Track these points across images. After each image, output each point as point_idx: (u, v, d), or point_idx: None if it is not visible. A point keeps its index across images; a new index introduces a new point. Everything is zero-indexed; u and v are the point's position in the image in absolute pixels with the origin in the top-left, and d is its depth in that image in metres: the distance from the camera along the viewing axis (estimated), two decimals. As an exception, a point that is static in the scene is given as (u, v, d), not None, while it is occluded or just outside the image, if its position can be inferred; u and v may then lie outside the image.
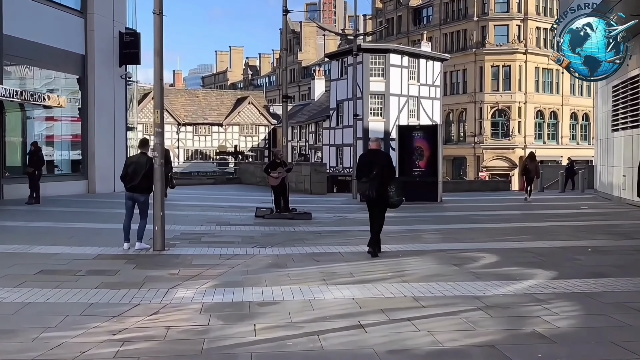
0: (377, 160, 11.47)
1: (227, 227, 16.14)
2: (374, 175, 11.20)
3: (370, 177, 11.26)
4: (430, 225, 16.76)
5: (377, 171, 11.19)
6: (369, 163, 11.52)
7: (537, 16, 65.12)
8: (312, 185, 32.11)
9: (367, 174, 11.36)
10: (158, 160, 12.07)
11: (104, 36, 27.83)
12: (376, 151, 11.85)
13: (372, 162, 11.46)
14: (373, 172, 11.21)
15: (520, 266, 10.17)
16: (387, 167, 11.39)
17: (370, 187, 11.26)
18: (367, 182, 11.33)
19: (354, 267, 10.24)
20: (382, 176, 11.21)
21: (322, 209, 22.47)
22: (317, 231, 15.52)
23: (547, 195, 31.49)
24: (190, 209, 21.39)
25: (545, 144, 65.76)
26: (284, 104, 20.18)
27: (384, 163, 11.39)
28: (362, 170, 11.58)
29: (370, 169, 11.31)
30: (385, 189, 11.23)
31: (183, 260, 11.05)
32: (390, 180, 11.33)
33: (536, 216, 19.63)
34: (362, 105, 50.77)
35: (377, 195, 11.24)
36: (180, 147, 68.10)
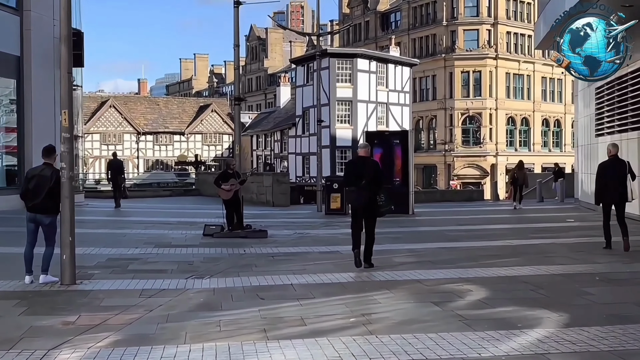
0: (367, 168, 10.88)
1: (166, 249, 13.78)
2: (363, 184, 10.66)
3: (360, 186, 10.71)
4: (403, 245, 14.57)
5: (367, 179, 10.66)
6: (358, 171, 10.93)
7: (508, 20, 63.75)
8: (274, 197, 29.79)
9: (356, 182, 10.82)
10: (66, 173, 9.70)
11: (44, 36, 25.18)
12: (365, 159, 11.17)
13: (362, 170, 10.86)
14: (362, 180, 10.68)
15: (518, 305, 8.00)
16: (378, 175, 10.96)
17: (360, 196, 10.75)
18: (356, 191, 10.83)
19: (307, 308, 7.98)
20: (371, 185, 10.68)
21: (282, 224, 20.22)
22: (270, 254, 13.25)
23: (526, 205, 29.56)
24: (133, 225, 19.00)
25: (516, 151, 64.15)
26: (237, 107, 17.96)
27: (374, 171, 10.92)
28: (350, 179, 11.06)
29: (359, 177, 10.75)
30: (375, 199, 10.73)
31: (92, 299, 8.72)
32: (380, 189, 10.82)
33: (521, 231, 17.56)
34: (328, 112, 48.79)
35: (367, 205, 10.73)
36: (140, 157, 65.23)
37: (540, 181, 34.29)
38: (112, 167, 26.47)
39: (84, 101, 66.57)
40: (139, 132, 64.68)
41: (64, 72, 9.86)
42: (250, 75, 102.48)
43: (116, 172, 26.15)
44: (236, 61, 17.58)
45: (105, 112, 60.88)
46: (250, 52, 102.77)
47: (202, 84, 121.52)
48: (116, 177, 26.05)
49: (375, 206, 10.81)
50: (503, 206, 29.92)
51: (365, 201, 10.71)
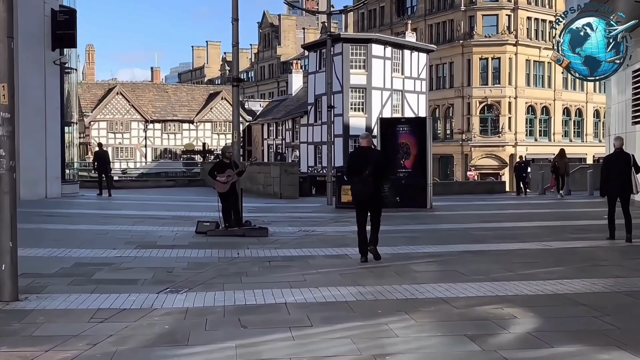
0: (369, 158, 10.49)
1: (147, 251, 11.86)
2: (366, 174, 10.30)
3: (362, 177, 10.36)
4: (421, 247, 12.54)
5: (370, 170, 10.27)
6: (359, 161, 10.57)
7: (529, 5, 61.33)
8: (282, 189, 27.80)
9: (358, 173, 10.47)
10: (5, 163, 7.77)
11: (32, 14, 23.26)
12: (367, 149, 10.81)
13: (364, 160, 10.48)
14: (365, 171, 10.29)
15: (583, 341, 5.97)
16: (382, 165, 10.64)
17: (364, 187, 10.40)
18: (359, 183, 10.47)
19: (301, 345, 5.99)
20: (375, 175, 10.32)
21: (287, 219, 18.28)
22: (267, 258, 11.30)
23: (549, 199, 27.45)
24: (120, 221, 17.11)
25: (536, 141, 62.01)
26: (235, 88, 15.93)
27: (377, 161, 10.53)
28: (353, 170, 10.75)
29: (361, 168, 10.39)
30: (380, 190, 10.45)
31: (27, 324, 6.78)
32: (385, 180, 10.56)
33: (556, 230, 15.49)
34: (341, 99, 46.81)
35: (371, 196, 10.40)
36: (147, 145, 63.32)
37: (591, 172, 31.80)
38: (99, 158, 26.58)
39: (90, 88, 65.12)
40: (146, 120, 62.79)
41: (3, 36, 7.91)
42: (262, 63, 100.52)
43: (103, 162, 26.27)
44: (234, 37, 15.57)
45: (112, 99, 59.04)
46: (262, 39, 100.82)
47: (214, 72, 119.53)
48: (104, 167, 26.24)
49: (379, 197, 10.49)
50: (528, 199, 27.81)
51: (369, 192, 10.35)
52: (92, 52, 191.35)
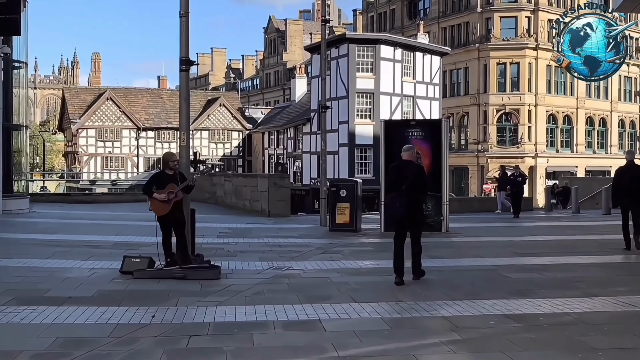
0: (406, 172, 9.81)
1: (22, 310, 7.67)
2: (404, 188, 9.69)
3: (400, 191, 9.73)
4: (438, 307, 8.19)
5: (406, 185, 9.68)
6: (397, 176, 9.92)
7: (549, 7, 57.19)
8: (270, 205, 23.55)
9: (394, 189, 9.93)
10: None
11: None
12: (406, 162, 9.98)
13: (401, 175, 9.83)
14: (401, 187, 9.74)
15: None
16: (418, 181, 9.86)
17: (401, 203, 9.72)
18: (396, 198, 9.81)
19: None
20: (411, 191, 9.69)
21: (260, 248, 14.10)
22: (194, 325, 7.10)
23: (587, 219, 23.09)
24: (33, 250, 12.94)
25: (558, 153, 57.67)
26: (183, 74, 11.73)
27: (415, 175, 9.83)
28: (388, 185, 10.59)
29: (398, 183, 9.83)
30: (418, 207, 9.86)
31: None
32: (424, 197, 10.09)
33: (627, 269, 11.15)
34: (347, 105, 42.78)
35: (407, 215, 9.73)
36: (140, 155, 59.16)
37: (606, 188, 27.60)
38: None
39: (78, 93, 61.23)
40: (139, 127, 58.61)
41: None
42: (268, 70, 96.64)
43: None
44: (183, 5, 11.39)
45: (101, 105, 55.12)
46: (268, 45, 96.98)
47: (219, 80, 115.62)
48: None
49: (420, 215, 9.98)
50: (563, 220, 23.44)
51: (407, 208, 9.71)
52: (98, 60, 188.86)
